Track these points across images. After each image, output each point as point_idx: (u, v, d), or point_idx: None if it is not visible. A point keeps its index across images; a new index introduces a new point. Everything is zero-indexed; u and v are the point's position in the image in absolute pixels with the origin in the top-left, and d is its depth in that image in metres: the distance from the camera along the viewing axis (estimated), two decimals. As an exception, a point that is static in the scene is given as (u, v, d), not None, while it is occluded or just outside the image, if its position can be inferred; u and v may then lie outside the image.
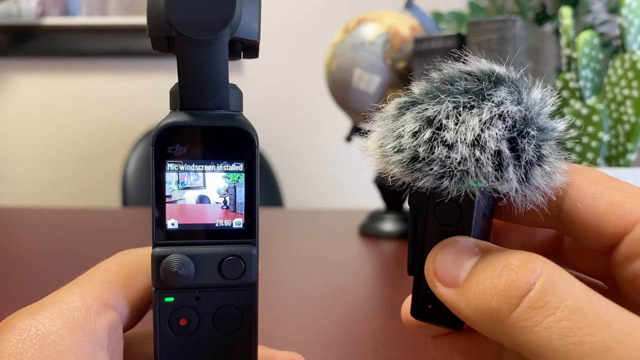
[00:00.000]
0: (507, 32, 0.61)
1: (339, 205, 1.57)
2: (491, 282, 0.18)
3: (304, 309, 0.48)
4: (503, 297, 0.18)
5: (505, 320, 0.17)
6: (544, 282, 0.17)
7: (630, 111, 0.58)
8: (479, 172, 0.19)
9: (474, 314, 0.19)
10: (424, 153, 0.19)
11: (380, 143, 0.21)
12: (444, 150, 0.19)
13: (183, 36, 0.21)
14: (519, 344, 0.17)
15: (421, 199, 0.21)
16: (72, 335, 0.20)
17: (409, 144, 0.20)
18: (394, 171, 0.20)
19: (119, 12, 1.61)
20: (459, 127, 0.19)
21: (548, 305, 0.17)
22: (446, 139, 0.19)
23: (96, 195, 1.64)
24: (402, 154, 0.20)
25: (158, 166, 0.23)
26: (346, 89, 0.76)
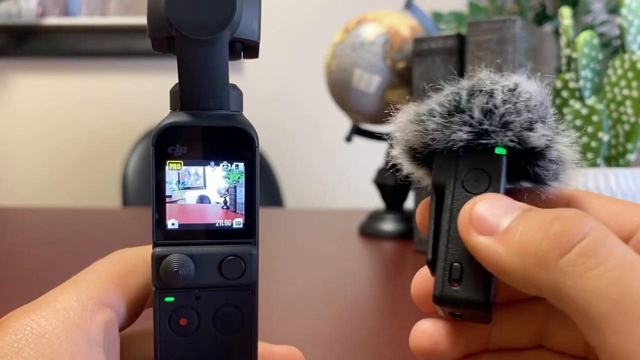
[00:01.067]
0: (507, 32, 0.61)
1: (339, 205, 1.57)
2: (541, 229, 0.18)
3: (304, 308, 0.48)
4: (555, 242, 0.17)
5: (553, 264, 0.17)
6: (597, 234, 0.17)
7: (630, 111, 0.58)
8: (517, 117, 0.20)
9: (514, 259, 0.18)
10: (465, 102, 0.21)
11: (414, 112, 0.22)
12: (484, 97, 0.20)
13: (183, 36, 0.21)
14: (561, 291, 0.17)
15: (448, 171, 0.21)
16: (68, 334, 0.20)
17: (446, 101, 0.21)
18: (430, 128, 0.21)
19: (119, 12, 1.61)
20: (495, 84, 0.21)
21: (600, 255, 0.17)
22: (485, 89, 0.21)
23: (96, 195, 1.64)
24: (441, 108, 0.21)
25: (158, 166, 0.23)
26: (346, 89, 0.76)
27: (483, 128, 0.20)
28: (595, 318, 0.16)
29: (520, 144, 0.20)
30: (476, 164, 0.21)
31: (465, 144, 0.21)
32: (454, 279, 0.20)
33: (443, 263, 0.21)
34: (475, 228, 0.19)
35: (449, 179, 0.21)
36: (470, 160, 0.21)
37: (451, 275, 0.20)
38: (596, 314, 0.16)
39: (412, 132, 0.22)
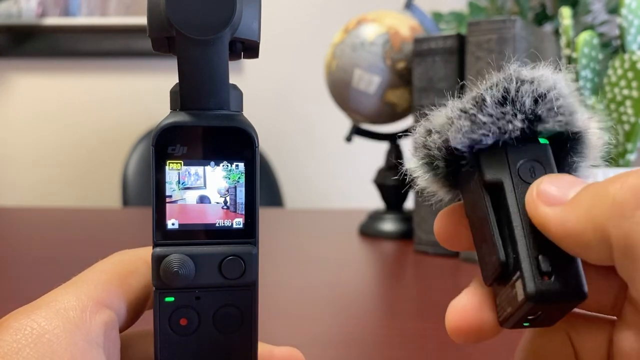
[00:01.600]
0: (507, 32, 0.61)
1: (339, 205, 1.57)
2: (616, 184, 0.17)
3: (304, 309, 0.48)
4: (631, 190, 0.17)
5: (631, 214, 0.16)
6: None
7: (630, 111, 0.58)
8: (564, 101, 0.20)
9: (584, 221, 0.17)
10: (514, 92, 0.20)
11: (457, 108, 0.21)
12: (531, 86, 0.20)
13: (183, 36, 0.21)
14: (638, 246, 0.16)
15: (500, 167, 0.20)
16: (68, 334, 0.20)
17: (493, 93, 0.20)
18: (483, 120, 0.20)
19: (119, 12, 1.61)
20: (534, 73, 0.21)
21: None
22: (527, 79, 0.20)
23: (97, 196, 1.64)
24: (492, 99, 0.20)
25: (158, 166, 0.23)
26: (346, 89, 0.76)
27: (537, 114, 0.20)
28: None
29: (570, 128, 0.21)
30: (527, 155, 0.20)
31: (519, 134, 0.20)
32: (544, 272, 0.19)
33: (528, 259, 0.19)
34: (543, 201, 0.19)
35: (504, 174, 0.20)
36: (519, 153, 0.20)
37: (540, 269, 0.19)
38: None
39: (457, 130, 0.21)
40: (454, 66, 0.66)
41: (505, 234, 0.20)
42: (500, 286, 0.21)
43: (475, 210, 0.22)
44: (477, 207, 0.21)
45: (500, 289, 0.21)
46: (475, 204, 0.21)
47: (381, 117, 0.78)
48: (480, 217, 0.21)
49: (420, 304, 0.49)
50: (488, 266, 0.21)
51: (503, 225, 0.20)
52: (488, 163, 0.21)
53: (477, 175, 0.21)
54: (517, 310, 0.19)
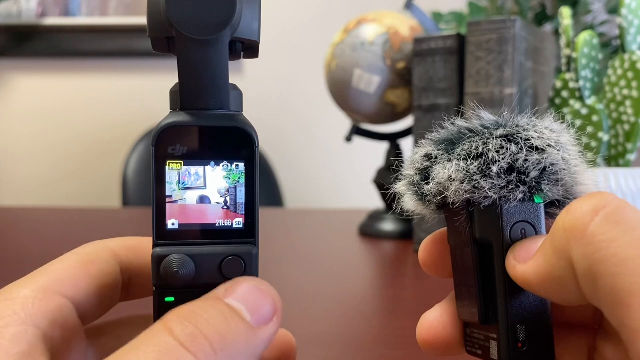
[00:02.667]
0: (507, 32, 0.61)
1: (339, 205, 1.57)
2: (564, 213, 0.18)
3: (304, 308, 0.48)
4: (578, 214, 0.17)
5: (582, 235, 0.17)
6: (620, 205, 0.17)
7: (630, 111, 0.58)
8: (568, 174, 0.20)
9: (549, 258, 0.18)
10: (522, 162, 0.20)
11: (461, 169, 0.21)
12: (539, 155, 0.20)
13: (184, 36, 0.21)
14: (595, 266, 0.16)
15: (493, 227, 0.21)
16: (2, 321, 0.20)
17: (500, 159, 0.20)
18: (485, 187, 0.20)
19: (119, 12, 1.61)
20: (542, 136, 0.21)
21: (625, 223, 0.16)
22: (535, 145, 0.20)
23: (96, 195, 1.64)
24: (498, 168, 0.20)
25: (158, 166, 0.23)
26: (346, 89, 0.76)
27: (540, 187, 0.20)
28: (623, 293, 0.15)
29: (570, 197, 0.21)
30: (520, 216, 0.21)
31: (518, 202, 0.20)
32: (519, 340, 0.20)
33: (506, 325, 0.20)
34: (519, 260, 0.19)
35: (496, 237, 0.21)
36: (513, 215, 0.21)
37: (516, 337, 0.20)
38: (623, 289, 0.15)
39: (460, 190, 0.20)
40: (454, 66, 0.66)
41: (488, 291, 0.21)
42: (473, 324, 0.22)
43: (461, 254, 0.22)
44: (463, 253, 0.22)
45: (473, 326, 0.22)
46: (461, 249, 0.22)
47: (381, 117, 0.78)
48: (465, 265, 0.22)
49: (420, 304, 0.49)
50: (465, 309, 0.22)
51: (487, 281, 0.21)
52: (482, 220, 0.21)
53: (468, 229, 0.21)
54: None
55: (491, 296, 0.21)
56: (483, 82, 0.62)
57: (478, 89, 0.63)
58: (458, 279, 0.23)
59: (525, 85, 0.64)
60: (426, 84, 0.68)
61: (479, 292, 0.21)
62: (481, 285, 0.21)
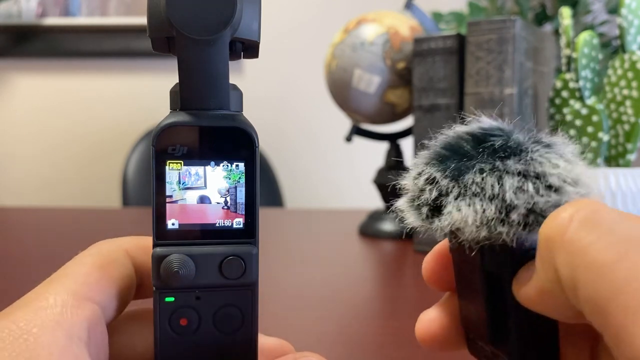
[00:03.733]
0: (507, 32, 0.61)
1: (339, 205, 1.57)
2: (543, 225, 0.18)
3: (304, 309, 0.48)
4: (554, 223, 0.17)
5: (560, 243, 0.17)
6: (595, 208, 0.17)
7: (630, 111, 0.58)
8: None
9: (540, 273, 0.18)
10: (543, 205, 0.19)
11: (475, 211, 0.19)
12: (556, 195, 0.19)
13: (184, 36, 0.21)
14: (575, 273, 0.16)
15: (503, 263, 0.20)
16: (47, 331, 0.20)
17: (517, 202, 0.19)
18: (504, 233, 0.19)
19: (119, 12, 1.61)
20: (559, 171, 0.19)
21: (601, 226, 0.16)
22: (551, 184, 0.19)
23: (96, 195, 1.64)
24: (518, 217, 0.19)
25: (158, 166, 0.23)
26: (346, 89, 0.76)
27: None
28: (602, 298, 0.15)
29: None
30: (529, 246, 0.20)
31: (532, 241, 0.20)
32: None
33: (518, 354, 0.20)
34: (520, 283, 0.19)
35: (507, 270, 0.20)
36: (522, 248, 0.20)
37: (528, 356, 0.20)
38: (602, 294, 0.15)
39: (475, 230, 0.19)
40: (454, 66, 0.66)
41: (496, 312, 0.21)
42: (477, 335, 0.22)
43: (468, 274, 0.22)
44: (469, 274, 0.22)
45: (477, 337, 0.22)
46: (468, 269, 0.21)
47: (381, 117, 0.78)
48: (472, 286, 0.21)
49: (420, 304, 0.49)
50: (470, 324, 0.22)
51: (495, 303, 0.21)
52: (492, 256, 0.20)
53: (479, 260, 0.20)
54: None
55: (499, 318, 0.21)
56: (483, 82, 0.62)
57: (478, 89, 0.63)
58: (462, 292, 0.22)
59: (525, 85, 0.64)
60: (426, 84, 0.68)
61: (489, 317, 0.21)
62: (491, 311, 0.21)
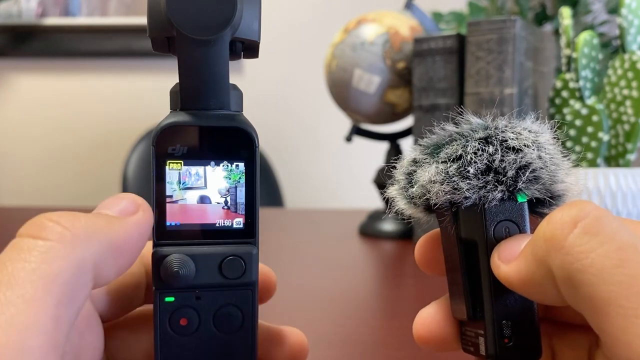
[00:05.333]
0: (507, 32, 0.61)
1: (339, 205, 1.57)
2: (545, 222, 0.18)
3: (304, 309, 0.48)
4: (557, 224, 0.18)
5: (561, 246, 0.17)
6: (599, 215, 0.17)
7: (630, 111, 0.58)
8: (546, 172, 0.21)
9: (530, 264, 0.18)
10: (499, 162, 0.21)
11: (440, 171, 0.21)
12: (516, 155, 0.21)
13: (184, 36, 0.21)
14: (574, 275, 0.17)
15: (477, 227, 0.21)
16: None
17: (477, 159, 0.21)
18: (464, 188, 0.21)
19: (119, 12, 1.61)
20: (519, 137, 0.21)
21: (603, 233, 0.17)
22: (511, 146, 0.21)
23: (96, 195, 1.64)
24: (474, 169, 0.21)
25: (158, 166, 0.23)
26: (346, 89, 0.76)
27: (517, 186, 0.21)
28: (601, 301, 0.16)
29: (549, 195, 0.21)
30: (503, 215, 0.21)
31: (497, 201, 0.21)
32: (505, 336, 0.21)
33: (492, 322, 0.21)
34: (503, 262, 0.20)
35: (479, 235, 0.21)
36: (496, 213, 0.21)
37: (502, 333, 0.21)
38: (601, 297, 0.16)
39: (441, 192, 0.21)
40: (454, 66, 0.66)
41: (475, 288, 0.22)
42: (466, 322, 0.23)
43: (450, 253, 0.23)
44: (451, 253, 0.23)
45: (466, 324, 0.23)
46: (450, 248, 0.23)
47: (381, 117, 0.78)
48: (454, 263, 0.23)
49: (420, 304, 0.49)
50: (456, 307, 0.23)
51: (474, 279, 0.22)
52: (465, 220, 0.22)
53: (454, 229, 0.22)
54: (479, 357, 0.22)
55: (479, 293, 0.22)
56: (483, 82, 0.62)
57: (478, 89, 0.63)
58: (450, 278, 0.23)
59: (525, 85, 0.64)
60: (426, 84, 0.68)
61: (466, 289, 0.22)
62: (468, 283, 0.22)
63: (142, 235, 0.21)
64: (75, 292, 0.18)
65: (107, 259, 0.19)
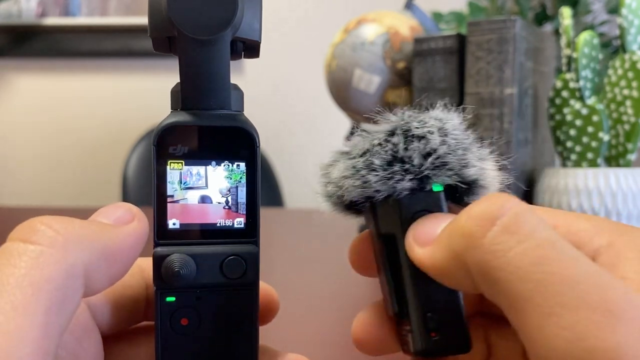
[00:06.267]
0: (507, 32, 0.61)
1: (339, 205, 1.57)
2: (464, 215, 0.18)
3: (304, 308, 0.48)
4: (476, 220, 0.17)
5: (479, 243, 0.17)
6: (518, 211, 0.17)
7: (630, 111, 0.58)
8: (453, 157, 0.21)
9: (447, 255, 0.18)
10: (403, 151, 0.21)
11: (348, 167, 0.22)
12: (420, 143, 0.21)
13: (185, 36, 0.21)
14: (489, 272, 0.17)
15: (393, 220, 0.21)
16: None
17: (382, 151, 0.21)
18: (373, 181, 0.21)
19: (119, 12, 1.61)
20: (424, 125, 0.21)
21: (521, 231, 0.17)
22: (417, 133, 0.21)
23: (96, 195, 1.64)
24: (380, 160, 0.21)
25: (159, 166, 0.23)
26: (346, 89, 0.76)
27: (425, 173, 0.21)
28: (518, 298, 0.16)
29: (460, 180, 0.21)
30: (419, 205, 0.21)
31: (409, 191, 0.21)
32: (431, 329, 0.21)
33: (417, 316, 0.21)
34: (417, 243, 0.20)
35: (396, 228, 0.21)
36: (412, 204, 0.21)
37: (428, 326, 0.21)
38: (518, 295, 0.16)
39: (351, 187, 0.21)
40: (454, 66, 0.66)
41: (399, 284, 0.21)
42: (398, 321, 0.22)
43: (375, 253, 0.23)
44: (375, 251, 0.22)
45: (398, 322, 0.22)
46: (374, 245, 0.22)
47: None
48: (378, 263, 0.22)
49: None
50: (386, 305, 0.23)
51: (397, 275, 0.21)
52: (383, 215, 0.21)
53: (373, 224, 0.22)
54: (411, 355, 0.22)
55: (399, 285, 0.21)
56: (483, 82, 0.62)
57: (478, 89, 0.63)
58: (379, 277, 0.23)
59: (525, 85, 0.64)
60: (426, 84, 0.68)
61: (390, 285, 0.22)
62: (392, 279, 0.22)
63: (136, 244, 0.21)
64: (67, 298, 0.18)
65: (99, 266, 0.19)
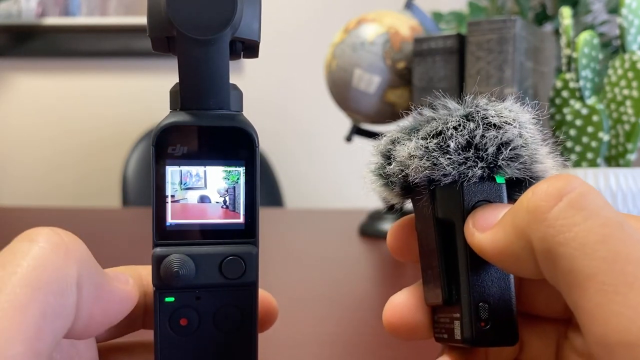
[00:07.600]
0: (507, 32, 0.61)
1: (339, 205, 1.57)
2: (529, 193, 0.18)
3: (304, 308, 0.48)
4: (542, 196, 0.17)
5: (544, 217, 0.17)
6: (585, 190, 0.17)
7: (630, 111, 0.58)
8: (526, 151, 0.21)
9: (509, 232, 0.18)
10: (479, 138, 0.20)
11: (419, 146, 0.21)
12: (497, 132, 0.20)
13: (184, 36, 0.21)
14: (552, 248, 0.17)
15: (454, 206, 0.21)
16: None
17: (458, 135, 0.20)
18: (444, 164, 0.20)
19: (119, 12, 1.61)
20: (501, 115, 0.21)
21: (588, 208, 0.17)
22: (492, 122, 0.21)
23: (96, 195, 1.64)
24: (455, 144, 0.20)
25: (158, 166, 0.23)
26: (346, 89, 0.76)
27: (498, 163, 0.20)
28: (581, 275, 0.16)
29: (530, 175, 0.21)
30: (481, 195, 0.21)
31: (477, 179, 0.21)
32: (482, 319, 0.20)
33: (469, 304, 0.20)
34: (478, 229, 0.19)
35: (457, 215, 0.21)
36: (474, 193, 0.21)
37: (479, 315, 0.20)
38: (581, 271, 0.16)
39: (420, 167, 0.21)
40: (454, 66, 0.66)
41: (451, 271, 0.21)
42: (439, 308, 0.22)
43: (426, 236, 0.22)
44: (427, 235, 0.22)
45: (440, 310, 0.22)
46: (426, 230, 0.22)
47: (381, 117, 0.78)
48: (430, 246, 0.22)
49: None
50: (430, 292, 0.22)
51: (450, 261, 0.21)
52: (443, 200, 0.21)
53: (430, 209, 0.21)
54: (453, 343, 0.21)
55: (454, 276, 0.21)
56: (483, 82, 0.62)
57: (478, 89, 0.63)
58: (424, 263, 0.23)
59: (525, 85, 0.64)
60: (426, 84, 0.68)
61: (442, 271, 0.21)
62: (444, 265, 0.21)
63: (124, 300, 0.21)
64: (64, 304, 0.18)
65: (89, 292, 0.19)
